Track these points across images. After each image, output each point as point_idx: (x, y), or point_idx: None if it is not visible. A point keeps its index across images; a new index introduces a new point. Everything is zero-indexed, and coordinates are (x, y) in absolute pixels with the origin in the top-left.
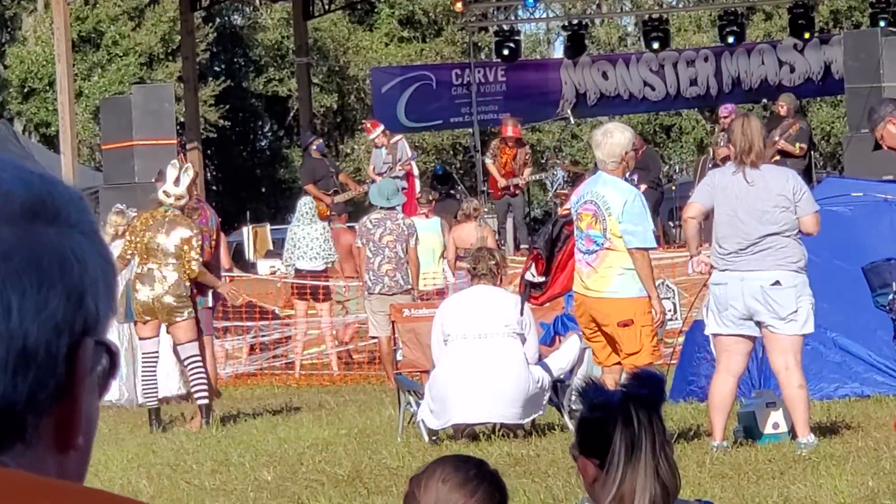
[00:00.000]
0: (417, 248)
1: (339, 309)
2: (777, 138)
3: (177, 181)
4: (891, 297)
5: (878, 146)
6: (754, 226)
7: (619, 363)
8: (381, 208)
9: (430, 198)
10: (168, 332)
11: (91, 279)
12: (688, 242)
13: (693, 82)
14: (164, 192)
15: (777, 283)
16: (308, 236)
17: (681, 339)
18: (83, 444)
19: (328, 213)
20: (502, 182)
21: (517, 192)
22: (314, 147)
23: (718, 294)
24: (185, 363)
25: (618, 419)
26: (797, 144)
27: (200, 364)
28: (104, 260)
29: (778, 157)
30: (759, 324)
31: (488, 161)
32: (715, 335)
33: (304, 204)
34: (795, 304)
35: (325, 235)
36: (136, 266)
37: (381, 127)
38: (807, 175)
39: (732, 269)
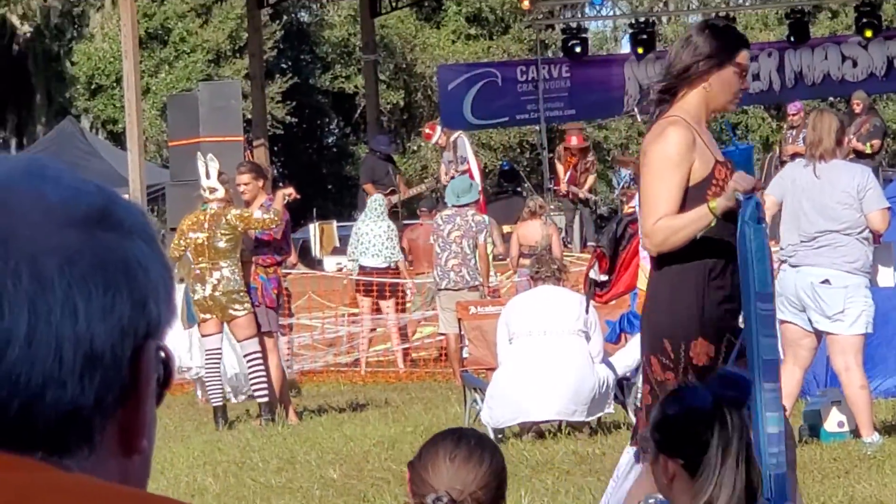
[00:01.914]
0: (487, 244)
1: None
2: (850, 136)
3: (207, 174)
4: None
5: None
6: (815, 219)
7: None
8: (454, 205)
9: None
10: (220, 327)
11: (153, 284)
12: None
13: (756, 77)
14: (202, 187)
15: (826, 281)
16: (371, 232)
17: None
18: (146, 447)
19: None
20: (564, 187)
21: (576, 200)
22: (382, 148)
23: (780, 280)
24: (246, 360)
25: (709, 421)
26: (869, 143)
27: (260, 361)
28: (163, 266)
29: (852, 156)
30: (810, 319)
31: (557, 163)
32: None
33: (375, 200)
34: (843, 305)
35: (389, 234)
36: (194, 267)
37: (439, 129)
38: (874, 173)
39: (791, 262)
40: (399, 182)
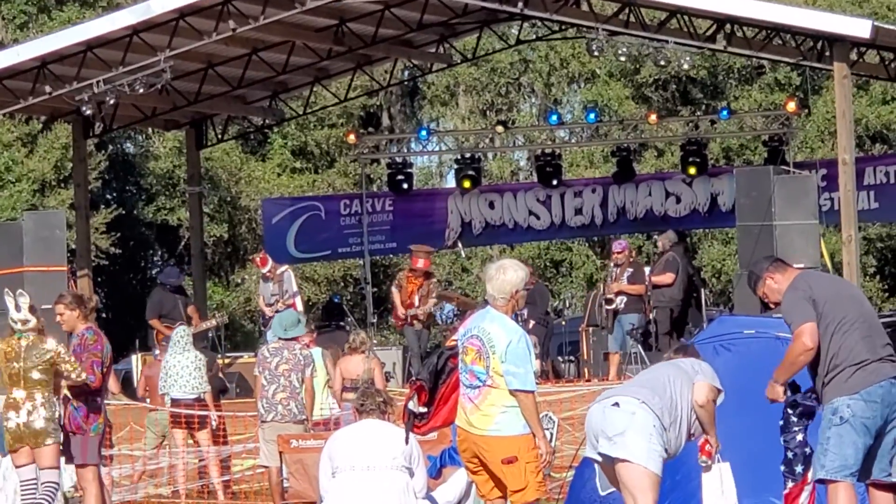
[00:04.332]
0: (313, 379)
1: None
2: (651, 277)
3: (17, 307)
4: None
5: (765, 306)
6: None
7: (501, 497)
8: (280, 338)
9: (311, 328)
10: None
11: None
12: None
13: (578, 212)
14: (11, 319)
15: (616, 404)
16: (179, 364)
17: (569, 475)
18: None
19: None
20: (401, 311)
21: (415, 322)
22: (171, 280)
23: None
24: (43, 486)
25: None
26: (665, 274)
27: (55, 493)
28: None
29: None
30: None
31: (394, 290)
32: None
33: (177, 333)
34: (624, 427)
35: (197, 364)
36: (8, 395)
37: (270, 261)
38: (697, 312)
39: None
40: (193, 313)
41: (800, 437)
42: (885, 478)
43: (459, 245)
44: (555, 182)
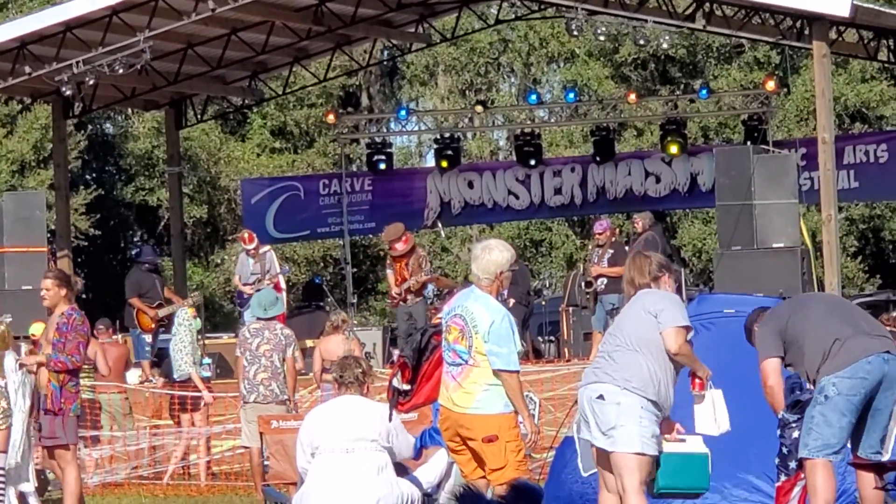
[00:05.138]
0: (295, 357)
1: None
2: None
3: None
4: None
5: None
6: (612, 335)
7: (484, 476)
8: (260, 318)
9: None
10: None
11: None
12: None
13: (558, 191)
14: None
15: (601, 396)
16: (171, 347)
17: (549, 455)
18: None
19: (152, 325)
20: (395, 290)
21: (407, 296)
22: (148, 259)
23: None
24: None
25: None
26: None
27: (3, 480)
28: None
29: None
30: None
31: (388, 272)
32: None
33: (176, 313)
34: (615, 421)
35: (179, 346)
36: None
37: (256, 239)
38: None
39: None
40: (169, 294)
41: (796, 433)
42: (873, 455)
43: (439, 225)
44: (533, 162)
